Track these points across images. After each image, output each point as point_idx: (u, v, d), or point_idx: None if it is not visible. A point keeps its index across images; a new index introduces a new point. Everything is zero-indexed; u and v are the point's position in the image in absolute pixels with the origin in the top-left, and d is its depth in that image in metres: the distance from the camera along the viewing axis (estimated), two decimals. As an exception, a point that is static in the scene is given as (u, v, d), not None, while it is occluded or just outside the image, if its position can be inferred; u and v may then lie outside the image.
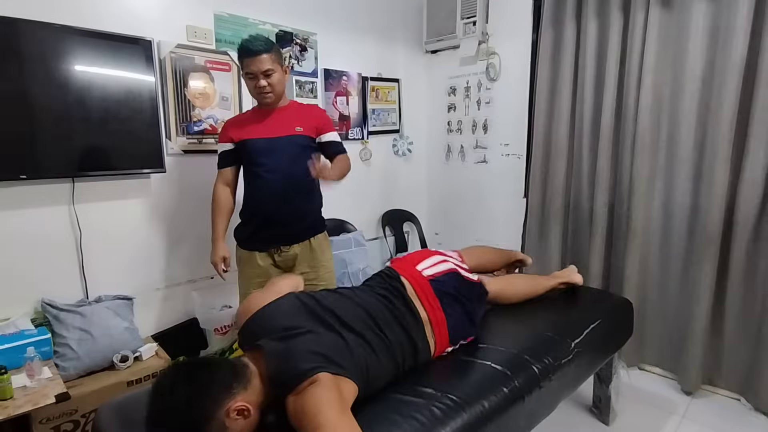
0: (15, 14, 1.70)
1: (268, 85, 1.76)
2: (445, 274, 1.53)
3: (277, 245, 1.87)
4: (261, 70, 1.73)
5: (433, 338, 1.36)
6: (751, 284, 2.05)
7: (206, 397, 0.94)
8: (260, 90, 1.77)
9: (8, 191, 1.80)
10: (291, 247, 1.89)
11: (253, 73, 1.74)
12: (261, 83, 1.75)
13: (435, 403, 1.15)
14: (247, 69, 1.75)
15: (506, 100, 2.99)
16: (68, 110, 1.83)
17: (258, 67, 1.73)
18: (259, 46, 1.72)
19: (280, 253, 1.89)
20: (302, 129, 1.86)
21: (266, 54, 1.73)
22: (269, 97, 1.80)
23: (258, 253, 1.88)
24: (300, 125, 1.86)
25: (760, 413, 2.04)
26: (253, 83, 1.76)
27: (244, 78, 1.81)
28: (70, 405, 1.65)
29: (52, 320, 1.82)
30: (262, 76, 1.74)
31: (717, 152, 2.03)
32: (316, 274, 1.93)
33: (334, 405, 0.97)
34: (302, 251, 1.91)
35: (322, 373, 1.02)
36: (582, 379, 1.63)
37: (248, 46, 1.73)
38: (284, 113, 1.87)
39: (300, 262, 1.90)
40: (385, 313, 1.32)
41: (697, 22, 2.08)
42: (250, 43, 1.73)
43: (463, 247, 1.90)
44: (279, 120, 1.85)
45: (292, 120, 1.87)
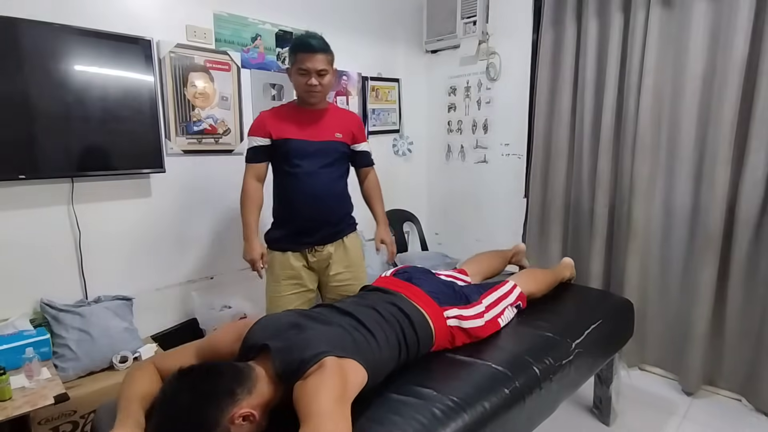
0: (15, 14, 1.70)
1: (319, 84, 1.72)
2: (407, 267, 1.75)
3: (312, 245, 1.85)
4: (316, 69, 1.70)
5: (422, 308, 1.43)
6: (752, 284, 2.04)
7: (210, 405, 0.93)
8: (310, 88, 1.72)
9: (7, 191, 1.79)
10: (325, 247, 1.87)
11: (307, 70, 1.70)
12: (313, 82, 1.71)
13: (435, 404, 1.15)
14: (301, 65, 1.70)
15: (506, 99, 2.99)
16: (67, 110, 1.82)
17: (314, 65, 1.69)
18: (318, 45, 1.69)
19: (315, 252, 1.86)
20: (341, 136, 1.85)
21: (324, 54, 1.71)
22: (317, 97, 1.77)
23: (291, 253, 1.85)
24: (340, 131, 1.85)
25: (761, 414, 2.04)
26: (305, 80, 1.71)
27: (294, 73, 1.74)
28: (69, 406, 1.64)
29: (51, 321, 1.81)
30: (315, 74, 1.70)
31: (718, 152, 2.03)
32: (351, 274, 1.93)
33: (333, 392, 0.97)
34: (336, 251, 1.89)
35: (328, 357, 1.03)
36: (583, 380, 1.63)
37: (309, 42, 1.69)
38: (326, 117, 1.85)
39: (335, 262, 1.89)
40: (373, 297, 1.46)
41: (698, 22, 2.08)
42: (311, 39, 1.70)
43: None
44: (321, 123, 1.82)
45: (333, 125, 1.85)
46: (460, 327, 1.47)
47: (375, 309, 1.35)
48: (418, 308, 1.43)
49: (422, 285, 1.56)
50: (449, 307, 1.49)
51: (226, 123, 2.38)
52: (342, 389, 0.99)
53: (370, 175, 2.06)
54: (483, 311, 1.54)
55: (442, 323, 1.44)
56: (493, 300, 1.61)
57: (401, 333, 1.31)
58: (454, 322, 1.46)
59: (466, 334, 1.48)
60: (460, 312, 1.49)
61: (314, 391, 0.96)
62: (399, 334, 1.30)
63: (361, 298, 1.47)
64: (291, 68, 1.76)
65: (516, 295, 1.67)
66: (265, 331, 1.17)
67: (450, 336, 1.45)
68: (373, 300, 1.43)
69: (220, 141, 2.38)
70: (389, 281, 1.61)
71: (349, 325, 1.24)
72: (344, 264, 1.91)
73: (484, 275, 1.86)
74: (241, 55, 2.42)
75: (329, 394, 0.96)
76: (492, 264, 1.95)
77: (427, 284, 1.58)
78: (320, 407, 0.93)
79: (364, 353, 1.14)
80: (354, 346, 1.15)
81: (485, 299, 1.59)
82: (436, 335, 1.41)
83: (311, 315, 1.30)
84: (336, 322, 1.24)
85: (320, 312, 1.34)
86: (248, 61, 2.45)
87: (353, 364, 1.08)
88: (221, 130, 2.37)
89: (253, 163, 1.83)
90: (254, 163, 1.83)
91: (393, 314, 1.35)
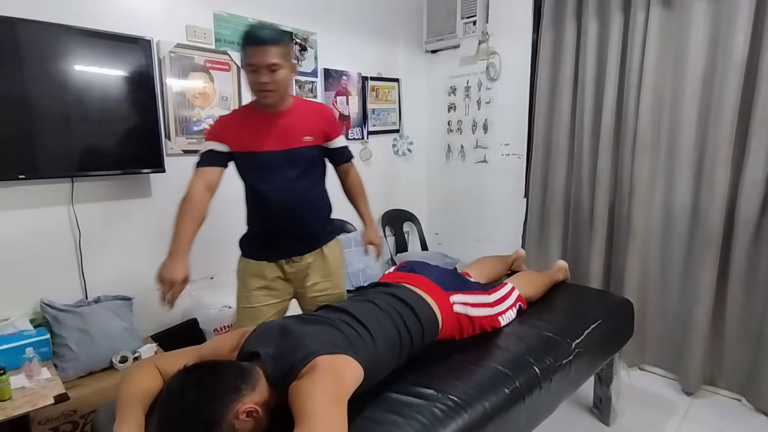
0: (15, 14, 1.70)
1: (271, 82, 1.48)
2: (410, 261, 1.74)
3: (289, 256, 1.68)
4: (265, 63, 1.45)
5: (426, 294, 1.43)
6: (751, 285, 2.04)
7: (215, 400, 0.94)
8: (261, 86, 1.48)
9: (7, 191, 1.79)
10: (303, 258, 1.69)
11: (256, 66, 1.46)
12: (263, 78, 1.47)
13: (436, 404, 1.15)
14: (249, 59, 1.47)
15: (506, 99, 2.99)
16: (67, 110, 1.82)
17: (262, 59, 1.45)
18: (267, 36, 1.46)
19: (292, 263, 1.68)
20: (312, 138, 1.63)
21: (274, 46, 1.46)
22: (270, 97, 1.52)
23: (266, 263, 1.68)
24: (309, 133, 1.63)
25: (761, 413, 2.04)
26: (255, 77, 1.48)
27: (245, 70, 1.51)
28: (69, 406, 1.64)
29: (51, 321, 1.81)
30: (265, 70, 1.46)
31: (718, 152, 2.03)
32: (330, 283, 1.76)
33: (327, 392, 0.97)
34: (315, 260, 1.72)
35: (319, 357, 1.03)
36: (583, 380, 1.63)
37: (255, 34, 1.46)
38: (290, 119, 1.60)
39: (313, 271, 1.71)
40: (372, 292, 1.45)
41: (698, 22, 2.08)
42: (258, 30, 1.48)
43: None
44: (285, 128, 1.59)
45: (300, 127, 1.61)
46: (467, 315, 1.47)
47: (371, 302, 1.35)
48: (420, 295, 1.42)
49: (426, 273, 1.56)
50: (455, 292, 1.49)
51: (226, 123, 2.38)
52: (335, 388, 0.99)
53: (350, 172, 1.84)
54: (490, 303, 1.56)
55: (449, 309, 1.44)
56: (498, 297, 1.62)
57: (401, 321, 1.30)
58: (460, 308, 1.47)
59: (471, 324, 1.48)
60: (467, 298, 1.49)
61: (307, 391, 0.96)
62: (398, 322, 1.29)
63: (360, 294, 1.47)
64: (243, 68, 1.53)
65: (515, 297, 1.68)
66: (259, 339, 1.17)
67: (458, 323, 1.45)
68: (372, 294, 1.43)
69: (220, 141, 2.38)
70: (392, 276, 1.61)
71: (340, 320, 1.23)
72: (323, 273, 1.74)
73: (487, 279, 1.87)
74: (241, 55, 2.41)
75: (323, 395, 0.96)
76: (493, 268, 1.96)
77: (432, 273, 1.58)
78: (314, 407, 0.93)
79: (357, 347, 1.14)
80: (346, 341, 1.15)
81: (494, 294, 1.61)
82: (443, 322, 1.40)
83: (303, 318, 1.30)
84: (327, 319, 1.24)
85: (314, 313, 1.34)
86: (248, 61, 2.45)
87: (346, 360, 1.08)
88: (221, 130, 2.37)
89: (205, 166, 1.54)
90: (206, 166, 1.54)
91: (390, 303, 1.35)
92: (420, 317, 1.35)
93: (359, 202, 1.88)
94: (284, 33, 1.54)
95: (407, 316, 1.33)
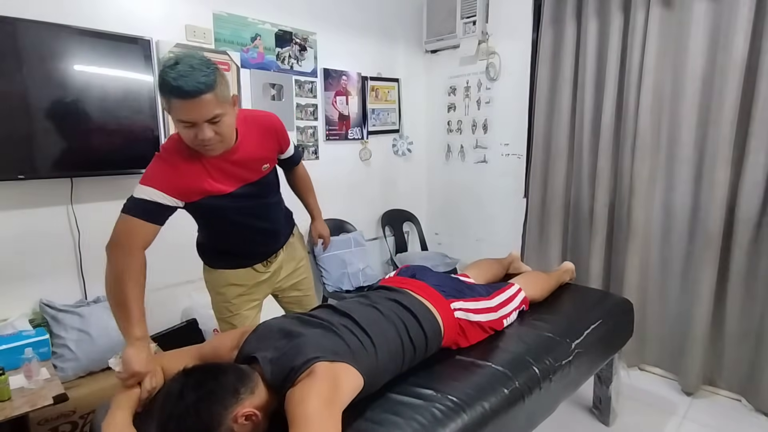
0: (15, 14, 1.69)
1: (215, 135, 1.20)
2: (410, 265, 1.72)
3: (264, 259, 1.61)
4: (204, 119, 1.17)
5: (428, 302, 1.42)
6: (751, 285, 2.04)
7: (214, 403, 0.94)
8: (205, 143, 1.21)
9: (6, 191, 1.79)
10: (277, 256, 1.64)
11: (193, 122, 1.17)
12: (206, 135, 1.18)
13: (435, 404, 1.15)
14: (180, 116, 1.16)
15: (506, 99, 2.99)
16: (67, 110, 1.82)
17: (199, 114, 1.15)
18: (198, 84, 1.12)
19: (268, 264, 1.61)
20: (268, 165, 1.47)
21: (210, 93, 1.14)
22: (217, 149, 1.27)
23: (242, 270, 1.58)
24: (265, 160, 1.45)
25: (761, 414, 2.04)
26: (192, 133, 1.18)
27: (176, 124, 1.20)
28: (69, 406, 1.64)
29: (50, 321, 1.81)
30: (206, 125, 1.18)
31: (717, 152, 2.02)
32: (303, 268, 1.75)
33: (322, 396, 0.96)
34: (285, 254, 1.68)
35: (319, 363, 1.03)
36: (582, 380, 1.63)
37: (181, 86, 1.11)
38: (241, 153, 1.36)
39: (286, 262, 1.68)
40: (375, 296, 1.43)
41: (698, 22, 2.07)
42: (184, 78, 1.11)
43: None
44: (240, 164, 1.37)
45: (254, 159, 1.41)
46: (468, 320, 1.46)
47: (375, 307, 1.34)
48: (423, 303, 1.41)
49: (427, 279, 1.56)
50: (455, 299, 1.49)
51: (226, 123, 2.38)
52: (331, 393, 0.98)
53: (299, 170, 1.75)
54: (492, 308, 1.55)
55: (450, 315, 1.43)
56: (503, 300, 1.61)
57: (404, 330, 1.29)
58: (461, 315, 1.46)
59: (480, 328, 1.48)
60: (467, 305, 1.49)
61: (302, 396, 0.96)
62: (401, 331, 1.28)
63: (363, 297, 1.46)
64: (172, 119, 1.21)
65: (521, 299, 1.67)
66: (258, 341, 1.17)
67: (459, 329, 1.44)
68: (375, 298, 1.42)
69: (220, 141, 2.38)
70: (393, 280, 1.60)
71: (343, 326, 1.21)
72: (295, 261, 1.71)
73: (486, 279, 1.86)
74: (241, 55, 2.42)
75: (317, 399, 0.95)
76: (491, 270, 1.95)
77: (433, 278, 1.58)
78: (306, 411, 0.92)
79: (358, 356, 1.13)
80: (347, 349, 1.13)
81: (495, 298, 1.60)
82: (444, 329, 1.39)
83: (305, 319, 1.28)
84: (330, 324, 1.22)
85: (316, 314, 1.31)
86: (248, 61, 2.45)
87: (346, 369, 1.06)
88: (221, 130, 2.37)
89: (146, 220, 1.24)
90: (147, 221, 1.24)
91: (394, 311, 1.34)
92: (424, 327, 1.33)
93: (308, 196, 1.83)
94: (214, 68, 1.18)
95: (411, 325, 1.31)
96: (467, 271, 1.91)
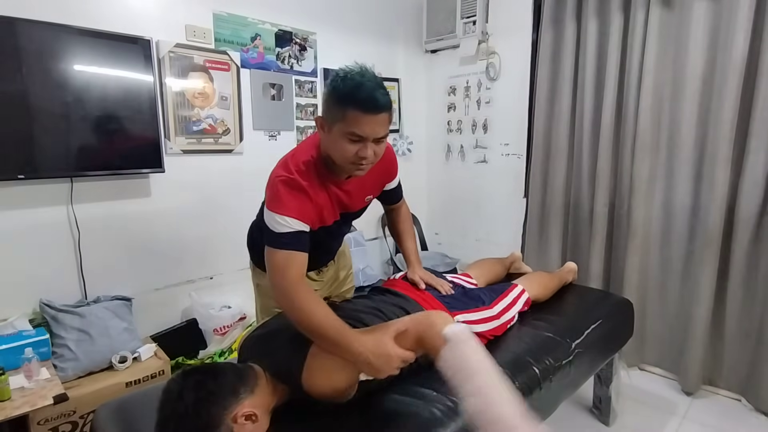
0: (14, 14, 1.69)
1: (373, 155, 1.17)
2: None
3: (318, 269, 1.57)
4: (376, 136, 1.15)
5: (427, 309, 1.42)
6: (751, 284, 2.04)
7: (214, 403, 0.95)
8: (361, 161, 1.17)
9: (6, 191, 1.79)
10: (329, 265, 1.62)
11: (363, 137, 1.13)
12: (368, 152, 1.15)
13: (435, 404, 1.15)
14: (355, 128, 1.12)
15: (506, 99, 2.99)
16: (67, 110, 1.82)
17: (375, 130, 1.13)
18: (385, 101, 1.12)
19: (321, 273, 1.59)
20: (371, 197, 1.45)
21: (388, 112, 1.15)
22: (365, 170, 1.23)
23: None
24: (370, 192, 1.42)
25: (761, 414, 2.03)
26: (355, 149, 1.14)
27: (338, 134, 1.14)
28: (69, 406, 1.64)
29: (50, 321, 1.81)
30: (372, 142, 1.15)
31: (717, 152, 2.02)
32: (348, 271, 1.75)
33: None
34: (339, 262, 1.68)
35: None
36: (582, 380, 1.63)
37: (377, 99, 1.10)
38: (356, 181, 1.33)
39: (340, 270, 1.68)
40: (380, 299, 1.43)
41: (698, 22, 2.07)
42: (374, 91, 1.11)
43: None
44: (350, 193, 1.34)
45: (364, 188, 1.38)
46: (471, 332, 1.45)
47: (379, 310, 1.33)
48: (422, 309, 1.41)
49: (433, 290, 1.54)
50: (459, 312, 1.46)
51: (226, 123, 2.38)
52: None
53: (402, 209, 1.66)
54: (494, 316, 1.53)
55: None
56: (505, 306, 1.59)
57: None
58: None
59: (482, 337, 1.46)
60: (470, 316, 1.47)
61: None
62: None
63: (368, 299, 1.45)
64: (329, 123, 1.16)
65: (524, 301, 1.67)
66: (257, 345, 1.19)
67: None
68: (380, 302, 1.41)
69: (220, 141, 2.38)
70: (399, 284, 1.59)
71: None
72: (346, 269, 1.73)
73: (488, 280, 1.86)
74: (241, 55, 2.42)
75: None
76: (493, 270, 1.95)
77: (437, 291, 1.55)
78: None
79: None
80: None
81: (497, 305, 1.57)
82: None
83: None
84: None
85: None
86: (248, 61, 2.45)
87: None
88: (221, 129, 2.37)
89: (298, 250, 1.18)
90: (302, 251, 1.19)
91: (398, 316, 1.32)
92: None
93: (407, 239, 1.65)
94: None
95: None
96: (469, 271, 1.91)
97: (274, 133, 2.63)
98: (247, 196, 1.90)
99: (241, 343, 1.29)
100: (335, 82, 1.13)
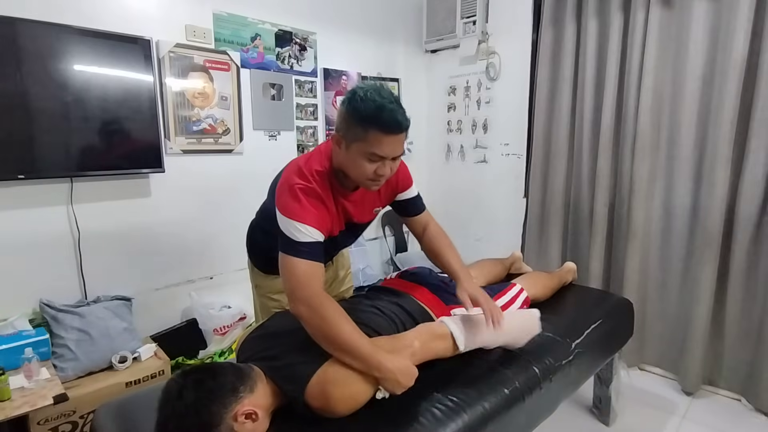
0: (14, 14, 1.69)
1: (390, 171, 1.21)
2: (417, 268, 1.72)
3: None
4: (397, 154, 1.18)
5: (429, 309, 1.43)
6: (751, 284, 2.04)
7: (214, 401, 0.94)
8: (378, 178, 1.19)
9: (6, 191, 1.79)
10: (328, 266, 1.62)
11: (383, 157, 1.15)
12: (386, 171, 1.18)
13: (435, 404, 1.15)
14: (377, 149, 1.13)
15: (506, 99, 2.99)
16: (67, 110, 1.82)
17: (396, 149, 1.16)
18: (406, 121, 1.15)
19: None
20: (380, 208, 1.46)
21: (406, 132, 1.18)
22: (379, 186, 1.26)
23: None
24: (379, 204, 1.44)
25: (761, 414, 2.04)
26: (373, 168, 1.16)
27: (356, 152, 1.15)
28: (69, 406, 1.64)
29: (50, 321, 1.81)
30: (389, 161, 1.18)
31: (717, 152, 2.02)
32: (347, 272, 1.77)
33: None
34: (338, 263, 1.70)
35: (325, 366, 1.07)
36: (582, 380, 1.63)
37: (402, 122, 1.13)
38: (364, 192, 1.34)
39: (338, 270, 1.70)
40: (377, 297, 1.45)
41: (698, 22, 2.07)
42: (396, 112, 1.12)
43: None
44: (359, 204, 1.35)
45: (372, 200, 1.40)
46: None
47: (377, 308, 1.35)
48: (424, 308, 1.42)
49: (428, 285, 1.55)
50: (456, 305, 1.48)
51: (226, 123, 2.38)
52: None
53: (431, 224, 1.58)
54: None
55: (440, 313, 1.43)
56: (502, 304, 1.59)
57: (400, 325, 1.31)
58: None
59: None
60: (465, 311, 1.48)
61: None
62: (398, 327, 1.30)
63: (365, 298, 1.47)
64: (348, 141, 1.16)
65: (522, 300, 1.67)
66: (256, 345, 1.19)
67: None
68: (376, 299, 1.43)
69: (220, 141, 2.38)
70: (395, 282, 1.60)
71: None
72: (344, 269, 1.75)
73: (487, 280, 1.86)
74: (241, 55, 2.42)
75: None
76: (493, 270, 1.95)
77: (433, 284, 1.58)
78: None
79: None
80: None
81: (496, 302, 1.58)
82: None
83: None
84: None
85: None
86: (248, 61, 2.45)
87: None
88: (221, 129, 2.37)
89: (320, 261, 1.19)
90: (320, 261, 1.19)
91: (396, 313, 1.35)
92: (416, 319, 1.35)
93: (448, 254, 1.49)
94: None
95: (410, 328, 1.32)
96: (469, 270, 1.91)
97: (274, 133, 2.63)
98: (247, 196, 1.89)
99: (240, 344, 1.29)
100: (355, 101, 1.12)
